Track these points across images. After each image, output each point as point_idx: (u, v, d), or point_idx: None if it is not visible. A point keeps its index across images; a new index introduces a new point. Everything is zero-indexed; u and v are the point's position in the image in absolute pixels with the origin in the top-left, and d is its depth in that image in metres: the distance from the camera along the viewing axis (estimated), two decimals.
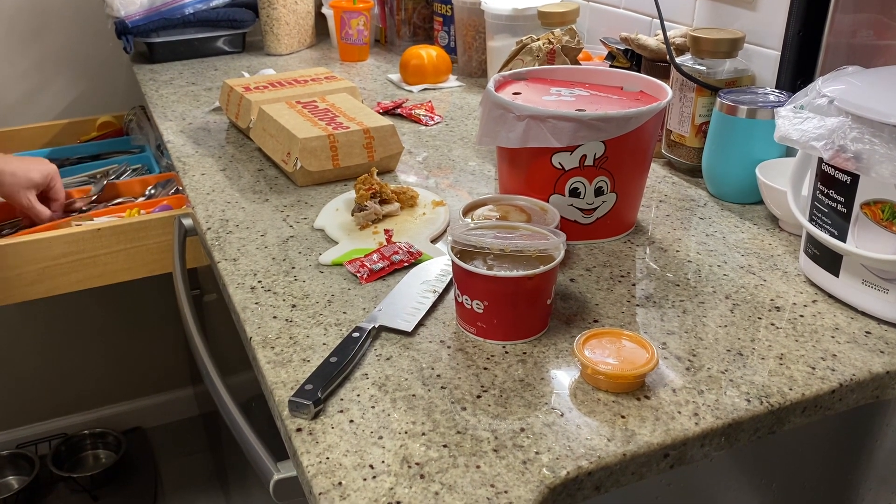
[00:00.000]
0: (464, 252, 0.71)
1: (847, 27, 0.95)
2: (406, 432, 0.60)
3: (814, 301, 0.78)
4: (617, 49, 1.20)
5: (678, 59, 1.05)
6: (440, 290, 0.78)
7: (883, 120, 0.67)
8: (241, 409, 0.76)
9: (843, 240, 0.74)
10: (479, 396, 0.64)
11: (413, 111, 1.33)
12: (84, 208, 1.36)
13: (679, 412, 0.62)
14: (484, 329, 0.71)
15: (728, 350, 0.70)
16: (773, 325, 0.74)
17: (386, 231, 0.90)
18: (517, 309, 0.70)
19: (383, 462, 0.57)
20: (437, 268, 0.82)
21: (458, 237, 0.70)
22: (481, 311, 0.70)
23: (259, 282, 0.81)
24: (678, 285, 0.81)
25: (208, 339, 0.96)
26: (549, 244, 0.70)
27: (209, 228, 0.93)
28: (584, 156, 0.84)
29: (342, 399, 0.63)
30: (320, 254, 0.86)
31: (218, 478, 1.90)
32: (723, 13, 1.14)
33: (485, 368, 0.67)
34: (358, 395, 0.64)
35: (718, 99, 0.98)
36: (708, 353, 0.70)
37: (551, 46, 1.11)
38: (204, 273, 1.26)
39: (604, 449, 0.58)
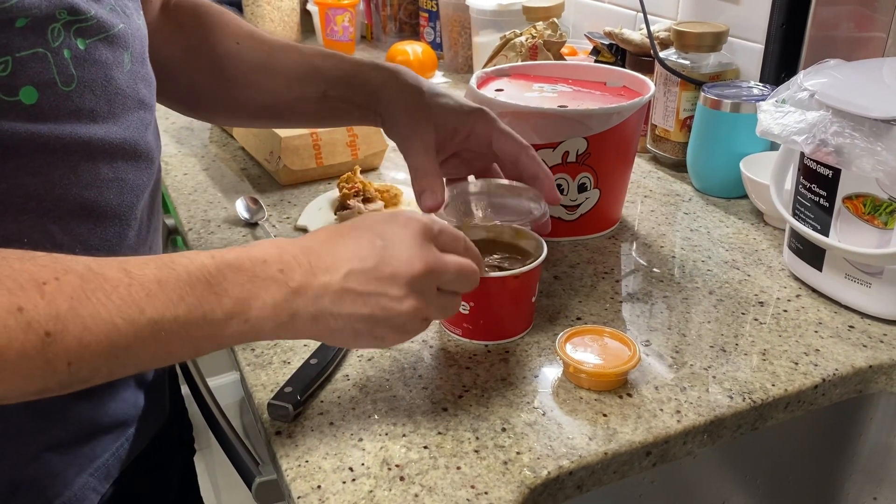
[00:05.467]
0: None
1: (829, 20, 0.95)
2: (386, 434, 0.59)
3: (797, 296, 0.78)
4: (601, 44, 1.19)
5: (662, 54, 1.05)
6: None
7: (863, 114, 0.67)
8: (224, 412, 0.76)
9: (826, 234, 0.74)
10: (460, 396, 0.63)
11: None
12: None
13: (661, 410, 0.62)
14: (470, 330, 0.70)
15: (711, 346, 0.70)
16: (756, 320, 0.74)
17: None
18: (503, 309, 0.69)
19: (363, 464, 0.56)
20: None
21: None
22: (467, 312, 0.69)
23: None
24: (662, 281, 0.80)
25: None
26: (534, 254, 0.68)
27: (191, 229, 0.93)
28: (567, 152, 0.84)
29: (322, 401, 0.63)
30: None
31: (209, 479, 1.89)
32: (706, 7, 1.14)
33: (467, 368, 0.67)
34: (338, 397, 0.63)
35: (702, 93, 0.98)
36: (691, 349, 0.69)
37: (533, 41, 1.11)
38: None
39: (585, 448, 0.58)
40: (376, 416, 0.61)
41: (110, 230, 0.56)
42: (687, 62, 1.03)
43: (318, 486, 0.55)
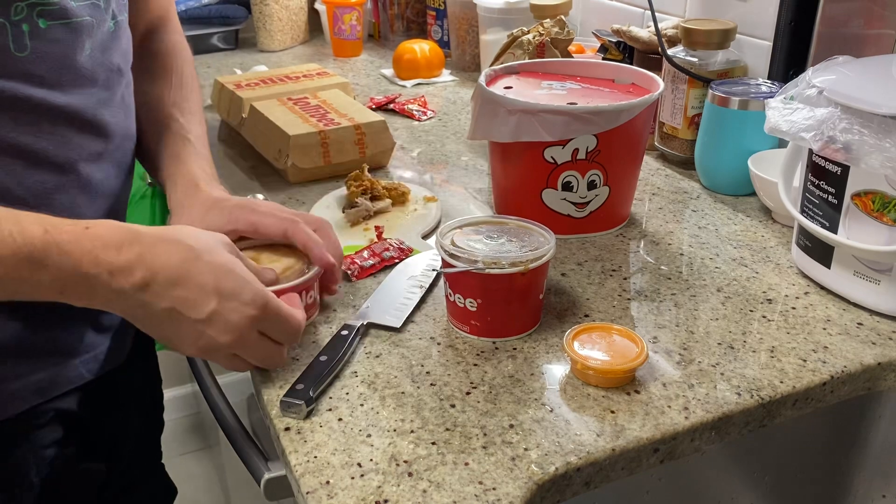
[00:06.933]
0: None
1: (838, 16, 0.94)
2: (395, 430, 0.60)
3: (806, 293, 0.78)
4: (609, 41, 1.19)
5: (670, 51, 1.05)
6: (427, 286, 0.77)
7: (872, 110, 0.66)
8: (233, 408, 0.76)
9: (835, 231, 0.73)
10: (468, 393, 0.63)
11: (406, 106, 1.33)
12: None
13: (669, 406, 0.62)
14: (478, 327, 0.70)
15: (719, 343, 0.70)
16: (764, 317, 0.74)
17: (376, 228, 0.89)
18: (510, 305, 0.69)
19: (371, 460, 0.57)
20: (424, 262, 0.81)
21: (447, 247, 0.69)
22: (475, 309, 0.69)
23: None
24: (670, 279, 0.80)
25: None
26: (541, 251, 0.69)
27: None
28: (577, 149, 0.84)
29: (331, 397, 0.63)
30: None
31: (218, 476, 1.90)
32: (715, 4, 1.14)
33: (474, 365, 0.67)
34: (347, 394, 0.64)
35: (710, 90, 0.97)
36: (699, 346, 0.69)
37: (541, 39, 1.11)
38: None
39: (593, 444, 0.58)
40: (384, 413, 0.61)
41: (46, 176, 0.66)
42: (695, 59, 1.03)
43: (327, 482, 0.55)
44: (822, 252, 0.76)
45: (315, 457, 0.57)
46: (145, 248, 0.58)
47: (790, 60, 1.01)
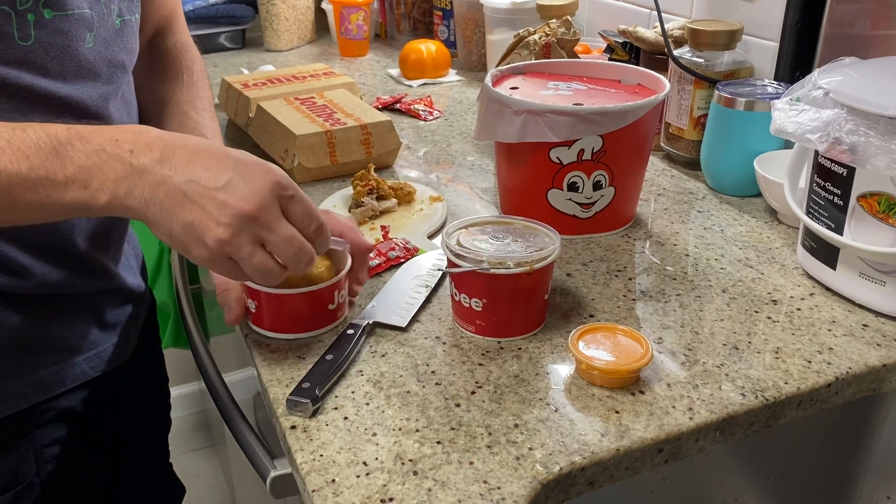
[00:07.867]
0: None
1: (845, 17, 0.94)
2: (400, 429, 0.60)
3: (811, 294, 0.78)
4: (615, 42, 1.19)
5: (676, 52, 1.05)
6: (433, 285, 0.78)
7: (878, 112, 0.66)
8: (239, 406, 0.76)
9: (840, 232, 0.73)
10: (473, 392, 0.64)
11: (412, 106, 1.33)
12: None
13: (673, 407, 0.62)
14: (483, 327, 0.70)
15: (724, 344, 0.70)
16: (769, 318, 0.74)
17: (382, 227, 0.90)
18: (515, 305, 0.70)
19: (377, 459, 0.57)
20: (429, 262, 0.82)
21: (453, 246, 0.70)
22: (480, 308, 0.70)
23: None
24: (675, 279, 0.81)
25: (210, 335, 0.96)
26: (546, 251, 0.69)
27: None
28: (582, 150, 0.84)
29: (337, 396, 0.64)
30: None
31: (224, 473, 1.91)
32: (721, 5, 1.14)
33: (479, 364, 0.67)
34: (353, 392, 0.64)
35: (716, 91, 0.98)
36: (704, 347, 0.69)
37: (547, 39, 1.11)
38: (203, 270, 1.27)
39: (597, 444, 0.58)
40: (390, 412, 0.62)
41: None
42: (701, 60, 1.03)
43: (333, 480, 0.55)
44: (827, 253, 0.76)
45: (321, 455, 0.57)
46: (164, 134, 0.59)
47: (796, 61, 1.01)
